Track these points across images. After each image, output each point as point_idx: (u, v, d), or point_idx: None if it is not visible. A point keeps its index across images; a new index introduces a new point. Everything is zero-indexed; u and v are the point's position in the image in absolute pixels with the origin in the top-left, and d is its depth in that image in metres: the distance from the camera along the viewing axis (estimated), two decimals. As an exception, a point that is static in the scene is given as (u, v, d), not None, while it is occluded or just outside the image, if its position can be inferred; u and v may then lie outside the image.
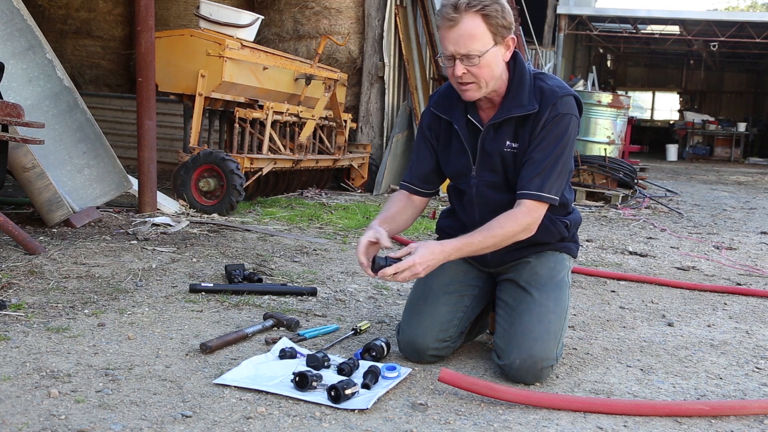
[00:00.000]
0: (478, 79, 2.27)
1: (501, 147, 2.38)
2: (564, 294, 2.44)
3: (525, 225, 2.31)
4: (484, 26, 2.22)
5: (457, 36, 2.22)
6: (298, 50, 8.29)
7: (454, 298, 2.49)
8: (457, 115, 2.43)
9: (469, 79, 2.28)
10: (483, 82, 2.29)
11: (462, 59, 2.24)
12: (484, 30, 2.22)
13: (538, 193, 2.30)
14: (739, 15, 21.69)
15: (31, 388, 2.06)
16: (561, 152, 2.32)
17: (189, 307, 2.96)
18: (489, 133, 2.39)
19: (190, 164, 5.32)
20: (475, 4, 2.20)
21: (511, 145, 2.37)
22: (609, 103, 8.51)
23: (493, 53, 2.25)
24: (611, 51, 24.87)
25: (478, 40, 2.22)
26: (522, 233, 2.32)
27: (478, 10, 2.20)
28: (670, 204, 8.12)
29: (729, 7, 34.79)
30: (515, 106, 2.33)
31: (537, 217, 2.33)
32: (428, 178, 2.58)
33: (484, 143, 2.40)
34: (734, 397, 2.33)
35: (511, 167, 2.38)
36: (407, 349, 2.46)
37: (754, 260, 4.91)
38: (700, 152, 20.84)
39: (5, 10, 4.55)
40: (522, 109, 2.32)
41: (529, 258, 2.49)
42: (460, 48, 2.23)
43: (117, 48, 10.20)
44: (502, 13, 2.23)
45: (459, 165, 2.47)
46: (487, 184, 2.44)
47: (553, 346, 2.33)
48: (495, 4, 2.22)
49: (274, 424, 1.93)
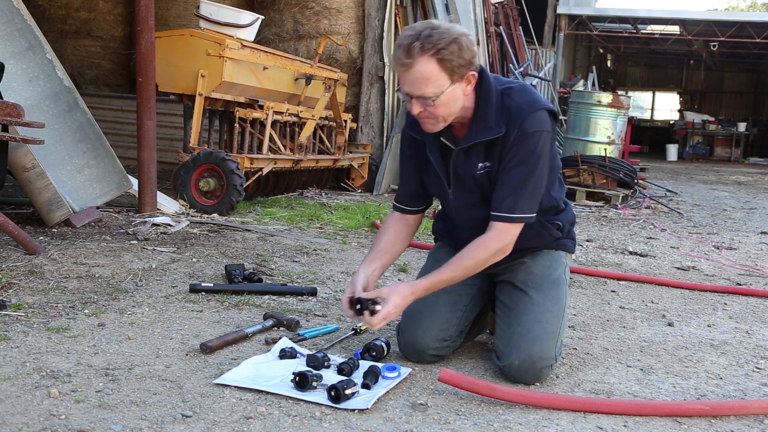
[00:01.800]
0: (435, 117, 2.23)
1: (473, 171, 2.34)
2: (561, 292, 2.44)
3: (496, 249, 2.29)
4: (438, 69, 2.13)
5: (412, 79, 2.16)
6: (298, 50, 8.29)
7: (453, 298, 2.49)
8: (431, 137, 2.37)
9: (426, 116, 2.24)
10: (440, 119, 2.24)
11: (418, 99, 2.19)
12: (438, 72, 2.14)
13: (509, 215, 2.26)
14: (739, 15, 21.71)
15: (31, 388, 2.06)
16: (531, 171, 2.26)
17: (189, 307, 2.96)
18: (459, 157, 2.35)
19: (190, 164, 5.32)
20: (428, 48, 2.11)
21: (484, 166, 2.32)
22: (609, 103, 8.51)
23: (450, 93, 2.18)
24: (611, 51, 24.87)
25: (432, 83, 2.15)
26: (494, 257, 2.30)
27: (432, 54, 2.12)
28: (670, 204, 8.12)
29: (729, 7, 34.79)
30: (482, 129, 2.27)
31: (510, 239, 2.30)
32: (417, 196, 2.54)
33: (456, 167, 2.37)
34: (734, 397, 2.33)
35: (487, 186, 2.35)
36: (407, 350, 2.47)
37: (754, 260, 4.91)
38: (700, 152, 20.84)
39: (5, 10, 4.55)
40: (489, 133, 2.26)
41: (524, 258, 2.48)
42: (415, 90, 2.17)
43: (117, 48, 10.20)
44: (458, 53, 2.13)
45: (436, 187, 2.47)
46: (465, 204, 2.42)
47: (552, 345, 2.33)
48: (451, 44, 2.12)
49: (274, 424, 1.93)
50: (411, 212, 2.57)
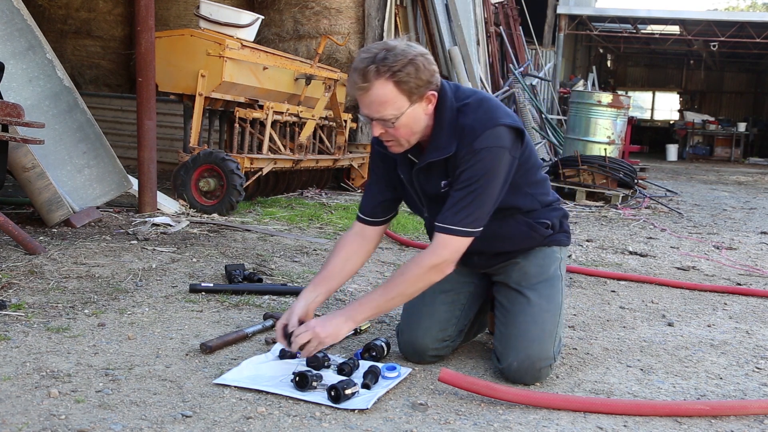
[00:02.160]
0: (397, 138, 2.19)
1: (437, 189, 2.29)
2: (556, 289, 2.43)
3: (430, 265, 2.20)
4: (395, 91, 2.09)
5: (369, 102, 2.12)
6: (298, 50, 8.29)
7: (451, 297, 2.49)
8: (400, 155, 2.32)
9: (388, 138, 2.20)
10: (403, 140, 2.20)
11: (378, 121, 2.15)
12: (396, 95, 2.09)
13: (449, 226, 2.18)
14: (739, 15, 21.71)
15: (31, 388, 2.06)
16: (478, 188, 2.18)
17: (189, 307, 2.96)
18: (420, 176, 2.32)
19: (190, 164, 5.32)
20: (384, 71, 2.07)
21: (447, 182, 2.27)
22: (609, 103, 8.51)
23: (410, 114, 2.14)
24: (611, 51, 24.88)
25: (391, 106, 2.11)
26: (430, 274, 2.22)
27: (388, 77, 2.07)
28: (670, 204, 8.12)
29: (729, 7, 34.78)
30: (434, 149, 2.23)
31: (448, 255, 2.20)
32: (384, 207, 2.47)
33: (422, 186, 2.34)
34: (734, 397, 2.33)
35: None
36: (408, 351, 2.47)
37: (754, 260, 4.91)
38: (700, 152, 20.85)
39: (5, 10, 4.55)
40: (440, 153, 2.22)
41: (517, 258, 2.45)
42: (373, 113, 2.14)
43: (117, 48, 10.20)
44: (415, 74, 2.09)
45: (413, 205, 2.45)
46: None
47: (550, 345, 2.33)
48: (407, 66, 2.08)
49: (274, 424, 1.93)
50: (375, 223, 2.47)
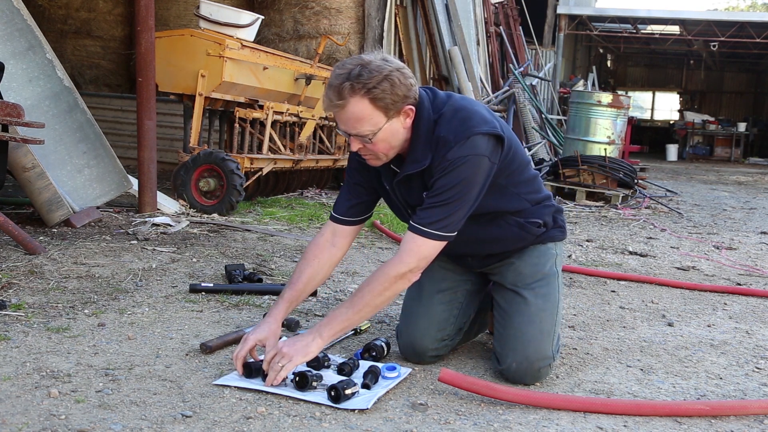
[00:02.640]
0: (375, 153, 2.17)
1: (418, 201, 2.26)
2: (553, 287, 2.42)
3: (398, 274, 2.16)
4: (371, 108, 2.07)
5: (345, 119, 2.10)
6: (298, 50, 8.30)
7: (448, 296, 2.48)
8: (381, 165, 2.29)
9: (366, 153, 2.18)
10: (381, 155, 2.18)
11: (355, 137, 2.13)
12: (372, 111, 2.07)
13: (420, 226, 2.16)
14: (739, 15, 21.72)
15: (31, 388, 2.06)
16: (450, 192, 2.14)
17: (189, 307, 2.96)
18: (401, 187, 2.29)
19: (190, 164, 5.32)
20: (358, 88, 2.04)
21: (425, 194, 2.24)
22: (609, 103, 8.51)
23: (387, 129, 2.11)
24: (611, 51, 24.88)
25: (367, 122, 2.08)
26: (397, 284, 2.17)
27: (363, 94, 2.04)
28: (670, 204, 8.12)
29: (729, 7, 34.79)
30: (410, 162, 2.20)
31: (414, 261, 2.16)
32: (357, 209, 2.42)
33: (404, 196, 2.32)
34: (734, 397, 2.33)
35: None
36: (407, 351, 2.47)
37: (754, 260, 4.91)
38: (700, 152, 20.85)
39: (5, 10, 4.55)
40: (416, 165, 2.19)
41: (511, 259, 2.44)
42: (350, 130, 2.12)
43: (117, 48, 10.20)
44: (391, 90, 2.06)
45: (398, 212, 2.43)
46: None
47: (548, 344, 2.33)
48: (383, 83, 2.05)
49: (274, 424, 1.93)
50: (349, 223, 2.42)
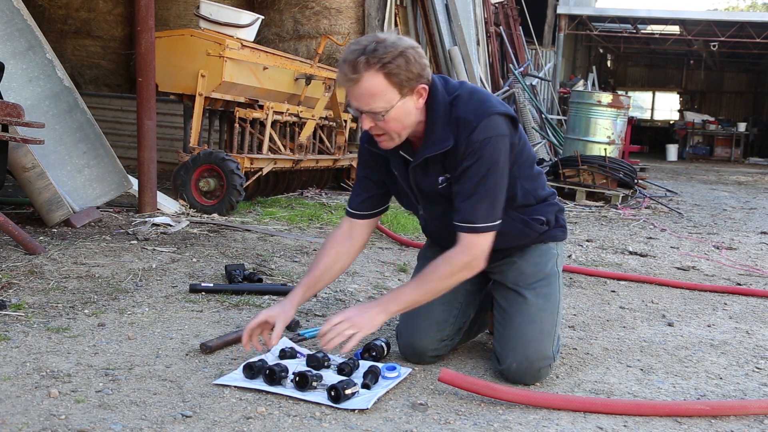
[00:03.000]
0: (388, 132, 2.17)
1: (434, 185, 2.28)
2: (554, 287, 2.42)
3: (462, 264, 2.21)
4: (386, 83, 2.07)
5: (358, 94, 2.10)
6: (298, 50, 8.29)
7: (448, 296, 2.47)
8: (390, 152, 2.31)
9: (378, 132, 2.18)
10: (394, 134, 2.17)
11: (368, 114, 2.13)
12: (386, 87, 2.08)
13: (473, 225, 2.18)
14: (739, 15, 21.71)
15: (31, 388, 2.06)
16: (486, 179, 2.17)
17: (189, 307, 2.96)
18: (417, 172, 2.30)
19: (190, 164, 5.32)
20: (374, 62, 2.05)
21: (445, 178, 2.26)
22: (609, 103, 8.51)
23: (400, 107, 2.12)
24: (611, 51, 24.87)
25: (381, 98, 2.09)
26: (463, 272, 2.22)
27: (378, 68, 2.05)
28: (670, 204, 8.12)
29: (729, 7, 34.78)
30: (430, 144, 2.21)
31: (477, 252, 2.20)
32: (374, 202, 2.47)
33: (417, 182, 2.33)
34: (734, 397, 2.33)
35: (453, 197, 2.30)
36: (407, 352, 2.47)
37: (754, 260, 4.91)
38: (700, 152, 20.85)
39: (5, 10, 4.55)
40: (436, 148, 2.20)
41: (513, 257, 2.44)
42: (363, 106, 2.12)
43: (117, 48, 10.20)
44: (406, 66, 2.08)
45: (407, 202, 2.45)
46: (437, 217, 2.39)
47: (548, 344, 2.32)
48: (398, 58, 2.06)
49: (274, 424, 1.93)
50: (364, 217, 2.46)
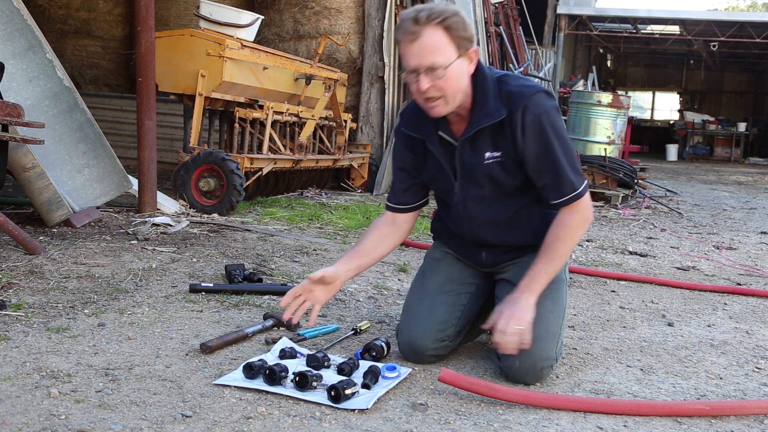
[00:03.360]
0: (444, 92, 2.21)
1: (480, 160, 2.32)
2: (561, 292, 2.44)
3: (578, 222, 2.31)
4: (446, 38, 2.17)
5: (419, 49, 2.16)
6: (298, 50, 8.29)
7: (451, 298, 2.48)
8: (430, 133, 2.38)
9: (434, 94, 2.21)
10: (450, 96, 2.22)
11: (426, 72, 2.18)
12: (446, 42, 2.17)
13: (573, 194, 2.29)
14: (739, 15, 21.70)
15: (31, 388, 2.06)
16: (558, 147, 2.27)
17: (189, 307, 2.96)
18: (465, 147, 2.34)
19: (190, 164, 5.32)
20: (435, 17, 2.15)
21: (492, 156, 2.31)
22: (609, 103, 8.51)
23: (457, 65, 2.20)
24: (611, 51, 24.88)
25: (441, 53, 2.17)
26: (581, 229, 2.34)
27: (439, 22, 2.15)
28: (670, 204, 8.12)
29: (729, 7, 34.82)
30: (483, 116, 2.27)
31: (584, 205, 2.32)
32: (412, 194, 2.55)
33: (462, 158, 2.36)
34: (734, 397, 2.33)
35: (500, 176, 2.34)
36: (406, 350, 2.46)
37: (754, 260, 4.91)
38: (700, 152, 20.85)
39: (5, 10, 4.55)
40: (490, 119, 2.26)
41: (525, 257, 2.46)
42: (424, 61, 2.17)
43: (117, 48, 10.20)
44: (463, 26, 2.19)
45: (441, 182, 2.45)
46: (473, 198, 2.41)
47: (553, 345, 2.33)
48: (455, 16, 2.18)
49: (274, 424, 1.93)
50: (404, 210, 2.56)
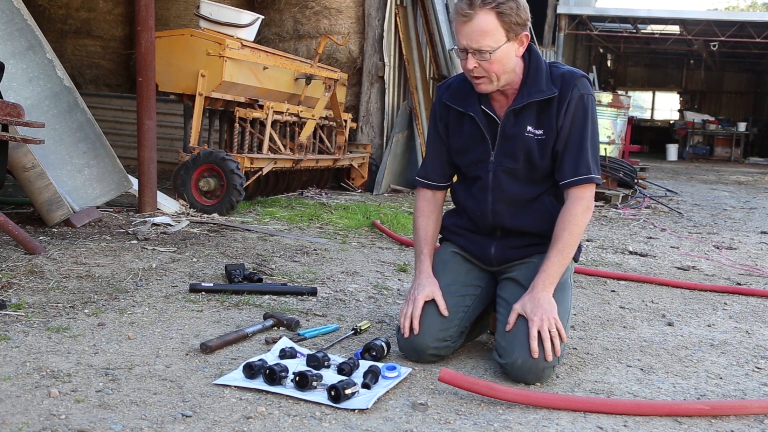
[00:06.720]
0: (489, 73, 2.33)
1: (522, 131, 2.42)
2: (567, 295, 2.44)
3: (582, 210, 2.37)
4: (497, 23, 2.27)
5: (470, 31, 2.27)
6: (298, 50, 8.29)
7: (455, 299, 2.48)
8: (472, 106, 2.48)
9: (480, 73, 2.34)
10: (494, 77, 2.34)
11: (474, 53, 2.29)
12: (497, 26, 2.27)
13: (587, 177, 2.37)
14: (739, 15, 21.70)
15: (31, 388, 2.06)
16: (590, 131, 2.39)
17: (189, 307, 2.96)
18: (509, 119, 2.43)
19: (190, 164, 5.32)
20: (489, 1, 2.25)
21: (533, 132, 2.41)
22: (609, 103, 8.52)
23: (505, 49, 2.30)
24: (611, 51, 24.87)
25: (490, 37, 2.27)
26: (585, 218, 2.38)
27: (492, 7, 2.25)
28: (670, 204, 8.12)
29: (729, 7, 34.81)
30: (535, 92, 2.39)
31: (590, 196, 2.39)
32: (445, 170, 2.64)
33: (504, 129, 2.44)
34: (734, 397, 2.33)
35: (536, 154, 2.42)
36: (407, 349, 2.46)
37: (754, 260, 4.91)
38: (700, 152, 20.86)
39: (5, 10, 4.55)
40: (542, 94, 2.38)
41: (532, 258, 2.49)
42: (472, 43, 2.28)
43: (117, 48, 10.20)
44: (516, 11, 2.28)
45: (477, 151, 2.50)
46: (505, 170, 2.46)
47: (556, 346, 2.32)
48: (510, 1, 2.27)
49: (274, 424, 1.93)
50: (440, 188, 2.65)
